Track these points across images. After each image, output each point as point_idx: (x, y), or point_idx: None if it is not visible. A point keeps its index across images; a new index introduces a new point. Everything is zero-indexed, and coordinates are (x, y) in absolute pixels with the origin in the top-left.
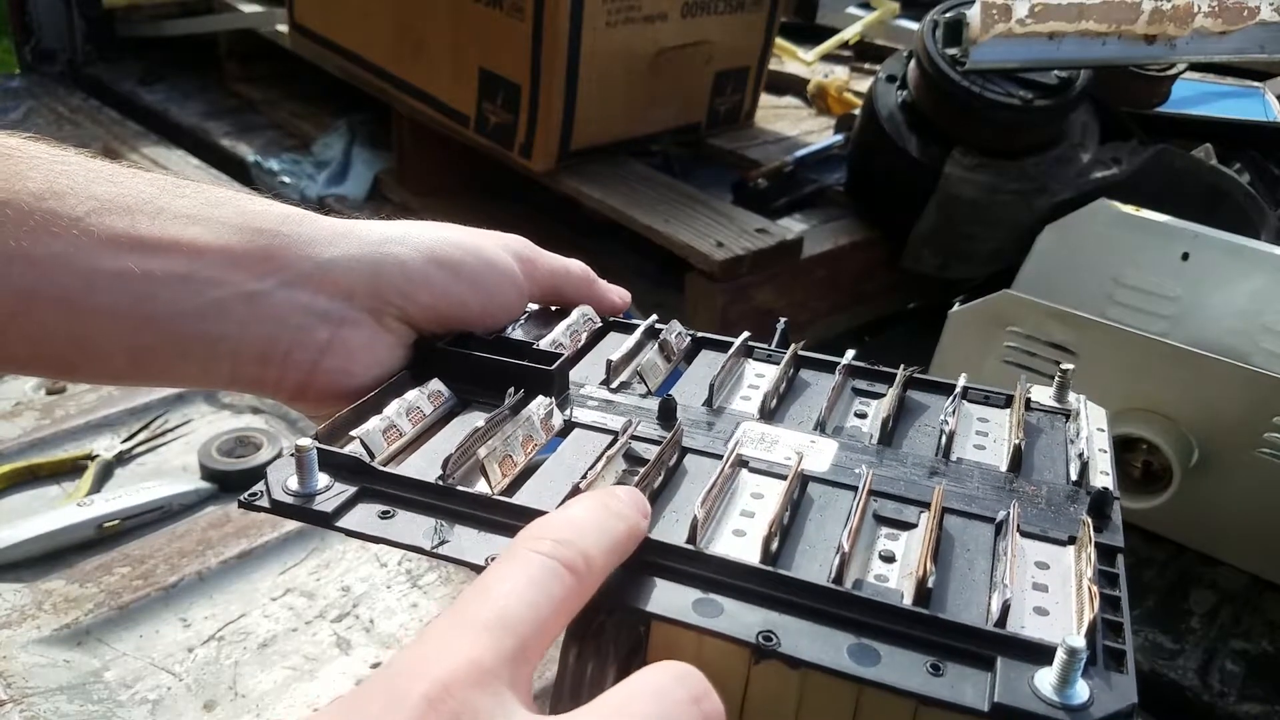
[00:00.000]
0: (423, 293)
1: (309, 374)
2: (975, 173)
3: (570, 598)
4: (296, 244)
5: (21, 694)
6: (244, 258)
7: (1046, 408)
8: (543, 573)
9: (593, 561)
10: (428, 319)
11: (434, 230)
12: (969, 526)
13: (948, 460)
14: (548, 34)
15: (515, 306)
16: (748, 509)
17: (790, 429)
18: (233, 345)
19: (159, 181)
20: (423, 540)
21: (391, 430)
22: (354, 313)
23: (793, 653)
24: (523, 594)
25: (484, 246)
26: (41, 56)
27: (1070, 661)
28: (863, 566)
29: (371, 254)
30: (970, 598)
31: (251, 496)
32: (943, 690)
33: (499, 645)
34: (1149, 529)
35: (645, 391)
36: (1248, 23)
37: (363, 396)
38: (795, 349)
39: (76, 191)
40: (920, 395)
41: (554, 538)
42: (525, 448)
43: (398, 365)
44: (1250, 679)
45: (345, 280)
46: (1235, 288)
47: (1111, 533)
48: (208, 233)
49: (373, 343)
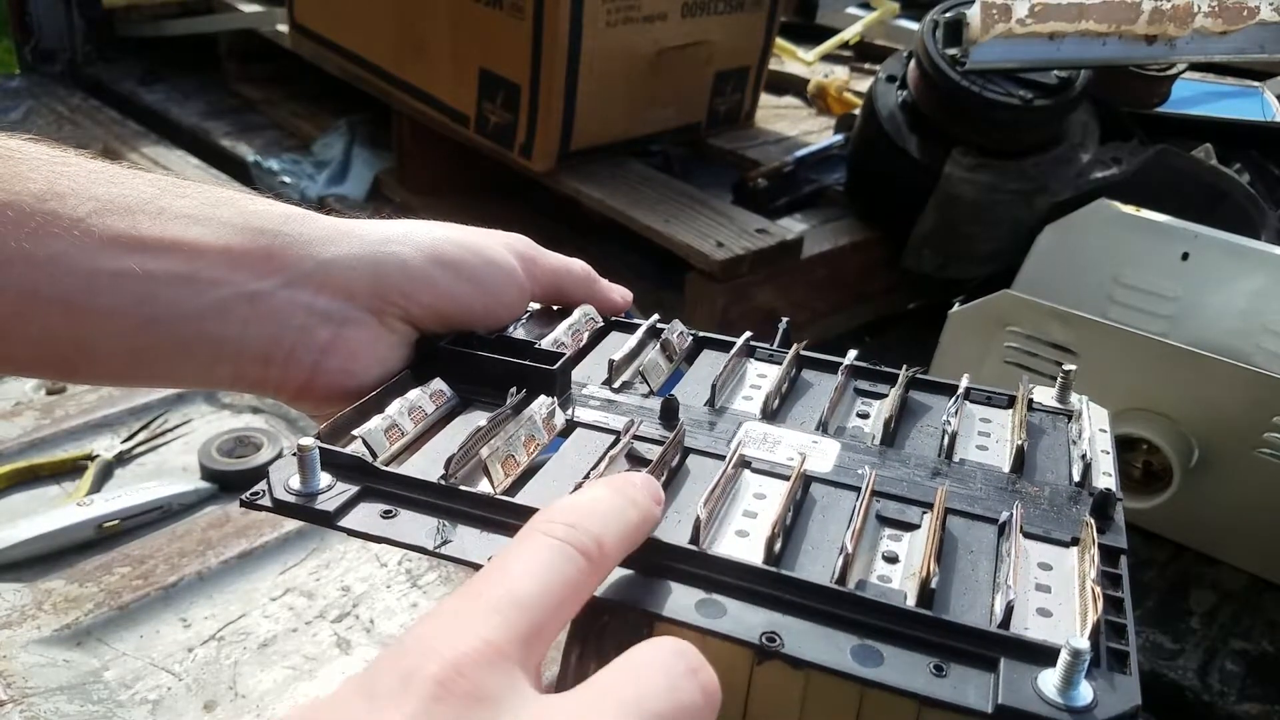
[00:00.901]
0: (424, 292)
1: (311, 374)
2: (975, 173)
3: (582, 581)
4: (298, 243)
5: (21, 694)
6: (245, 258)
7: (1049, 408)
8: (556, 555)
9: (605, 546)
10: (430, 318)
11: (436, 229)
12: (972, 527)
13: (950, 461)
14: (548, 34)
15: (517, 305)
16: (750, 510)
17: (793, 429)
18: (234, 345)
19: (160, 182)
20: (425, 540)
21: (393, 430)
22: (356, 312)
23: (796, 653)
24: (535, 575)
25: (486, 246)
26: (41, 56)
27: (1074, 663)
28: (866, 567)
29: (373, 253)
30: (973, 599)
31: (253, 496)
32: (946, 691)
33: (511, 625)
34: (1149, 529)
35: (647, 391)
36: (1248, 23)
37: (365, 395)
38: (797, 349)
39: (78, 192)
40: (922, 396)
41: (567, 521)
42: (528, 447)
43: (400, 365)
44: (1250, 679)
45: (347, 280)
46: (1235, 288)
47: (1114, 534)
48: (209, 233)
49: (374, 342)
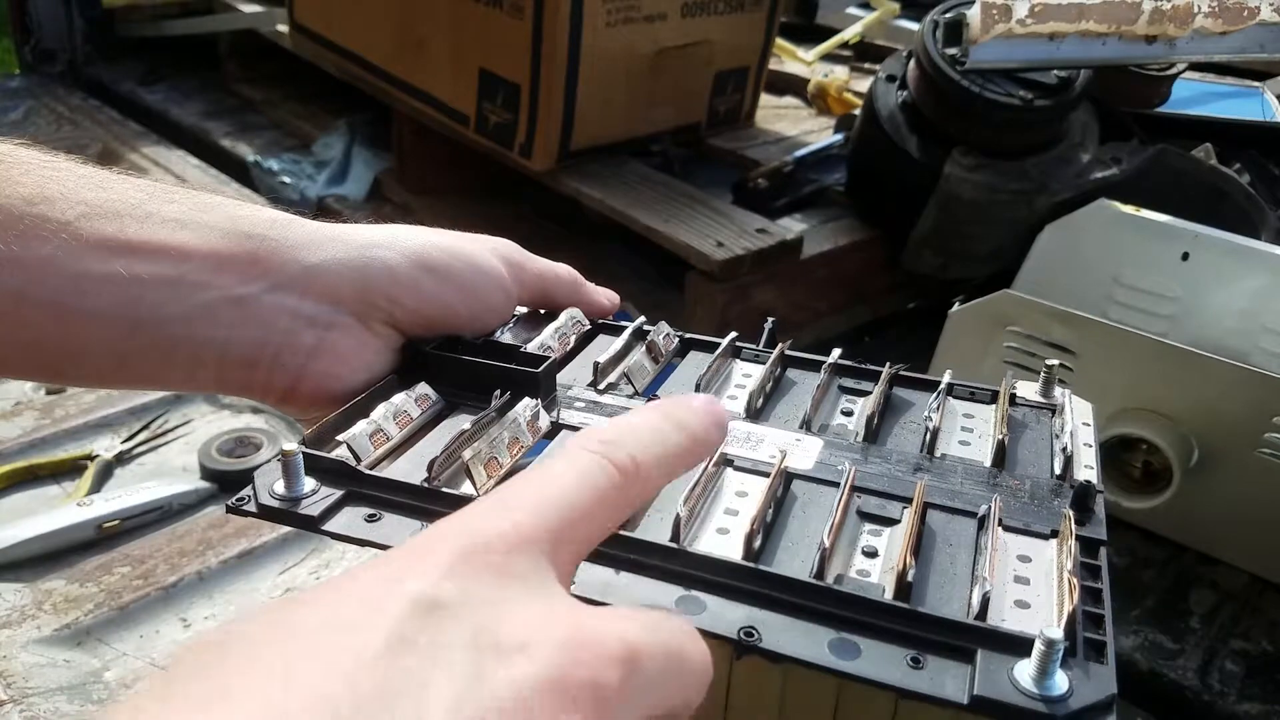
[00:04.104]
0: (409, 297)
1: (296, 377)
2: (975, 173)
3: (616, 494)
4: (284, 248)
5: (21, 694)
6: (231, 262)
7: (1033, 403)
8: (587, 466)
9: (641, 464)
10: (415, 323)
11: (421, 235)
12: (952, 521)
13: (932, 456)
14: (547, 34)
15: (503, 310)
16: (732, 507)
17: (776, 428)
18: (220, 349)
19: (148, 187)
20: None
21: (378, 434)
22: (341, 317)
23: (774, 648)
24: (565, 479)
25: (471, 251)
26: (41, 56)
27: (1048, 653)
28: (845, 562)
29: (358, 258)
30: (951, 592)
31: (239, 501)
32: (922, 683)
33: (540, 517)
34: (1149, 529)
35: (632, 393)
36: (1248, 23)
37: (351, 400)
38: (782, 348)
39: (66, 196)
40: (907, 393)
41: (603, 439)
42: (511, 449)
43: (386, 369)
44: (1250, 679)
45: (332, 284)
46: (1235, 288)
47: (1094, 526)
48: (195, 237)
49: (360, 347)
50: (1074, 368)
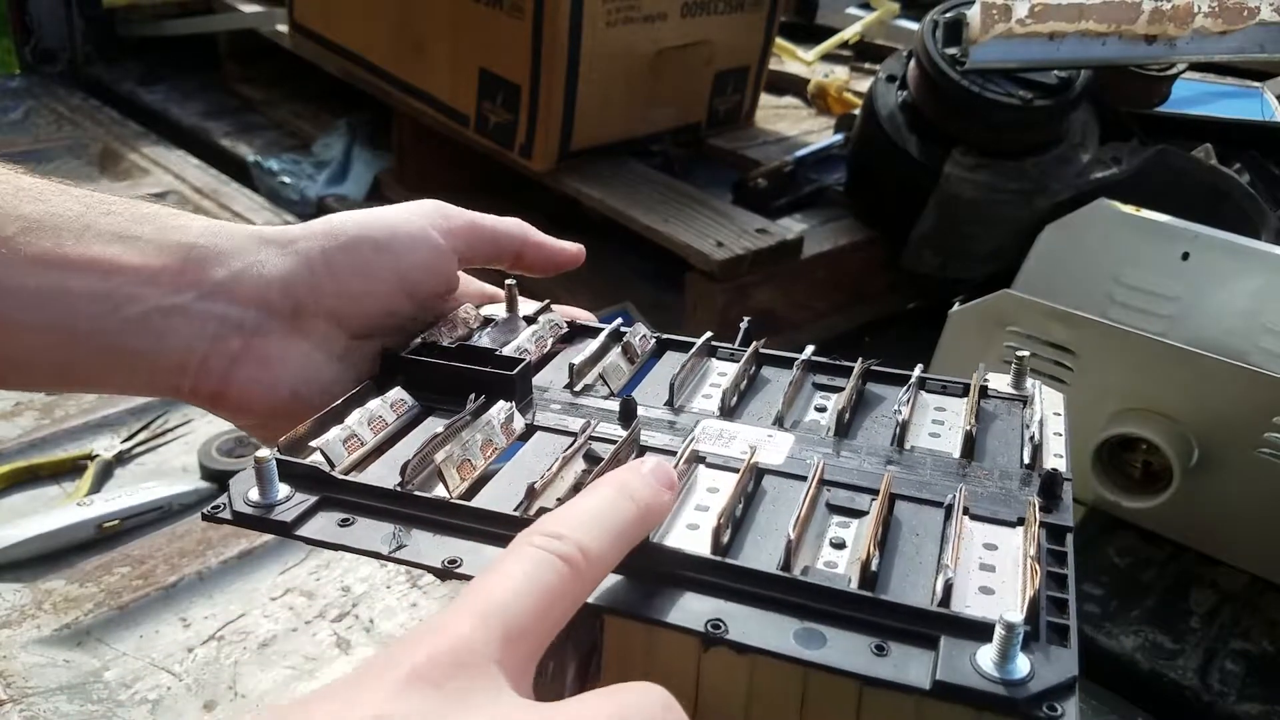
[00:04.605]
0: (330, 283)
1: (222, 382)
2: (975, 173)
3: (564, 588)
4: (213, 255)
5: (21, 694)
6: (162, 273)
7: (1004, 395)
8: (535, 565)
9: (589, 551)
10: (352, 312)
11: (337, 217)
12: (919, 512)
13: (902, 449)
14: (547, 34)
15: (439, 267)
16: (702, 503)
17: (749, 425)
18: (151, 357)
19: (85, 198)
20: (380, 546)
21: (352, 440)
22: (269, 321)
23: (740, 639)
24: (513, 584)
25: (388, 216)
26: (41, 56)
27: (1009, 637)
28: (814, 554)
29: (280, 257)
30: (916, 580)
31: (214, 509)
32: (886, 670)
33: (488, 626)
34: (1149, 529)
35: (608, 393)
36: (1248, 23)
37: (290, 405)
38: (756, 347)
39: (6, 211)
40: (881, 388)
41: (549, 531)
42: (485, 452)
43: (326, 373)
44: (1250, 679)
45: (259, 288)
46: (1235, 288)
47: (1061, 513)
48: (129, 250)
49: (286, 350)
50: (1074, 367)
